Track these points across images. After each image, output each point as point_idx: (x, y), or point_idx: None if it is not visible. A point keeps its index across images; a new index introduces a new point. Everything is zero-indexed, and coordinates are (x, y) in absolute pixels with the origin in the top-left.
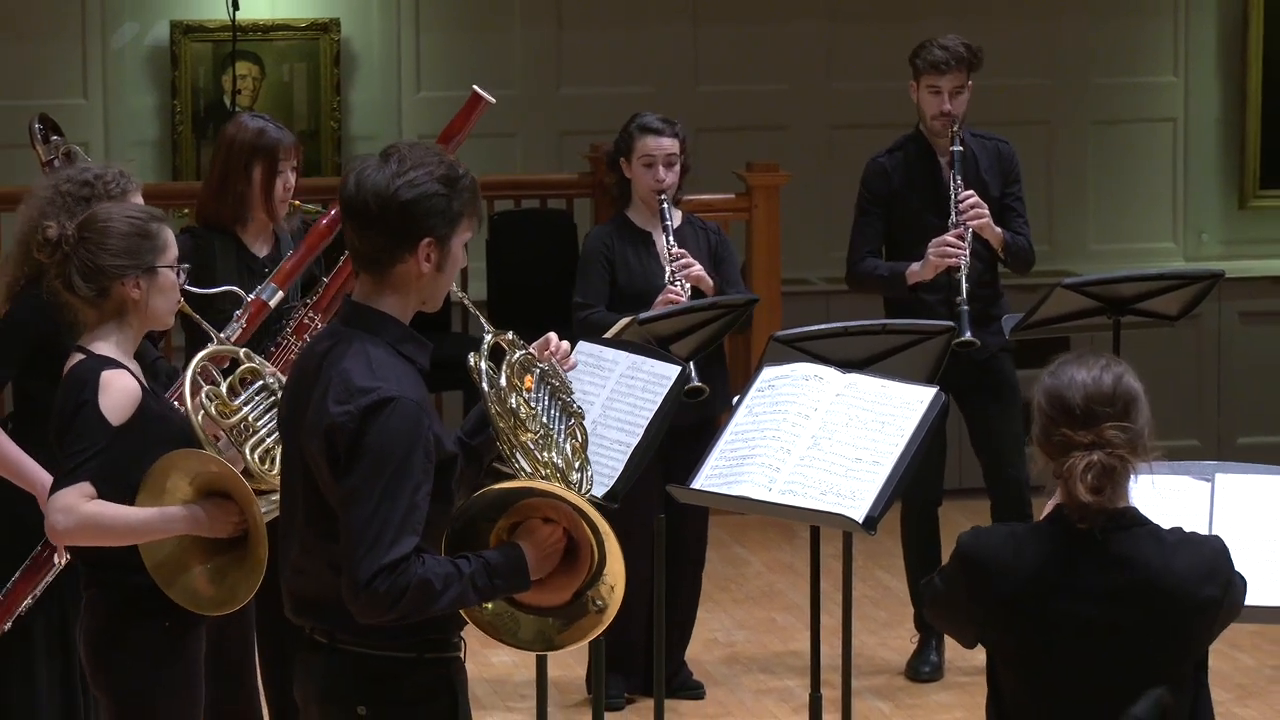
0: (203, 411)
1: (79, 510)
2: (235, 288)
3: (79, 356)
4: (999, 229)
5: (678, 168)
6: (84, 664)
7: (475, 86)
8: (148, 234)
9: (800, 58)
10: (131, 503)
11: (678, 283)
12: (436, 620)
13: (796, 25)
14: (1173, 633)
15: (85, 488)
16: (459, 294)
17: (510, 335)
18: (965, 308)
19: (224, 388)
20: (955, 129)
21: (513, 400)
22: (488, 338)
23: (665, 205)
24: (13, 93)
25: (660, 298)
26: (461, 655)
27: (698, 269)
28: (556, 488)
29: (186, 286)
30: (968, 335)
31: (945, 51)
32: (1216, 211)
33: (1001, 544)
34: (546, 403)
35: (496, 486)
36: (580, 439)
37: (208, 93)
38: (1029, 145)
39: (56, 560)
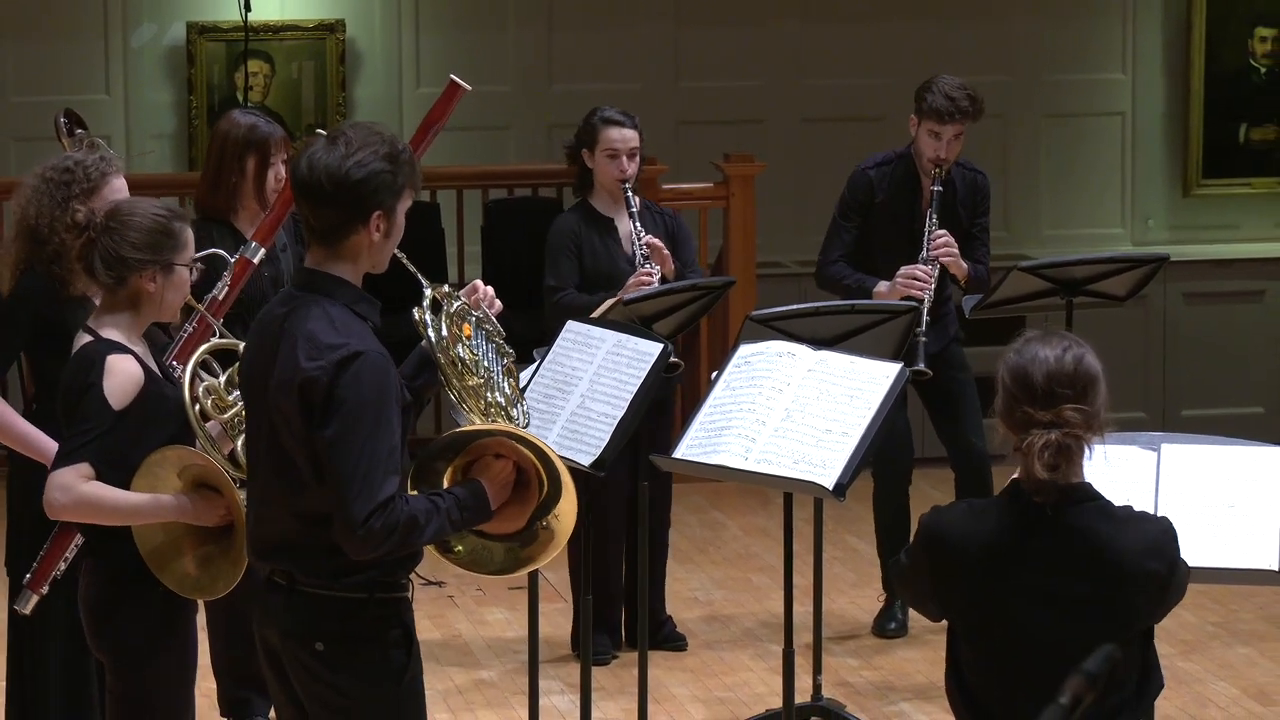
0: (199, 405)
1: (76, 490)
2: (220, 250)
3: (87, 338)
4: (964, 264)
5: (638, 158)
6: (84, 627)
7: (452, 75)
8: (170, 232)
9: (774, 56)
10: (128, 482)
11: (647, 264)
12: (384, 564)
13: (771, 26)
14: (1119, 603)
15: (84, 468)
16: (399, 254)
17: (445, 288)
18: (923, 339)
19: (221, 381)
20: (939, 171)
21: (458, 349)
22: (427, 291)
23: (629, 194)
24: (39, 89)
25: (633, 279)
26: (409, 595)
27: (666, 252)
28: (505, 426)
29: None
30: (921, 366)
31: (951, 103)
32: (1162, 199)
33: (960, 518)
34: (484, 346)
35: (452, 433)
36: (515, 377)
37: (221, 89)
38: (986, 138)
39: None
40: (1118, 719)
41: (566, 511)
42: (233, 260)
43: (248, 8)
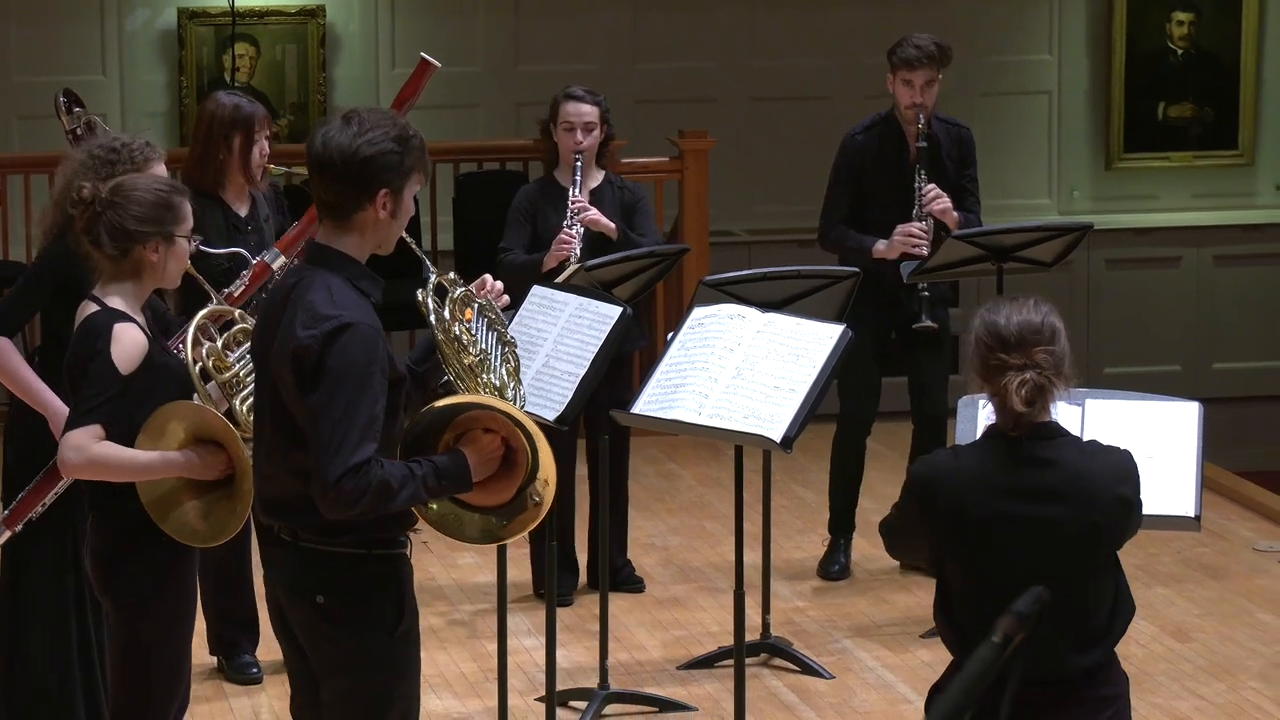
0: (200, 365)
1: (89, 450)
2: (243, 250)
3: (93, 307)
4: (956, 214)
5: (596, 133)
6: (90, 577)
7: (423, 54)
8: (170, 205)
9: (726, 39)
10: (132, 441)
11: (573, 226)
12: (383, 522)
13: (723, 11)
14: (1094, 527)
15: (96, 430)
16: (409, 240)
17: (452, 275)
18: (925, 294)
19: (220, 344)
20: (922, 126)
21: (456, 329)
22: (432, 277)
23: (578, 163)
24: (39, 70)
25: (556, 238)
26: (408, 553)
27: (594, 213)
28: (493, 401)
29: (201, 247)
30: (926, 321)
31: (919, 50)
32: (1086, 172)
33: (944, 461)
34: (484, 332)
35: (442, 402)
36: (513, 363)
37: (210, 70)
38: None
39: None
40: (1094, 648)
41: (549, 484)
42: (253, 261)
43: None
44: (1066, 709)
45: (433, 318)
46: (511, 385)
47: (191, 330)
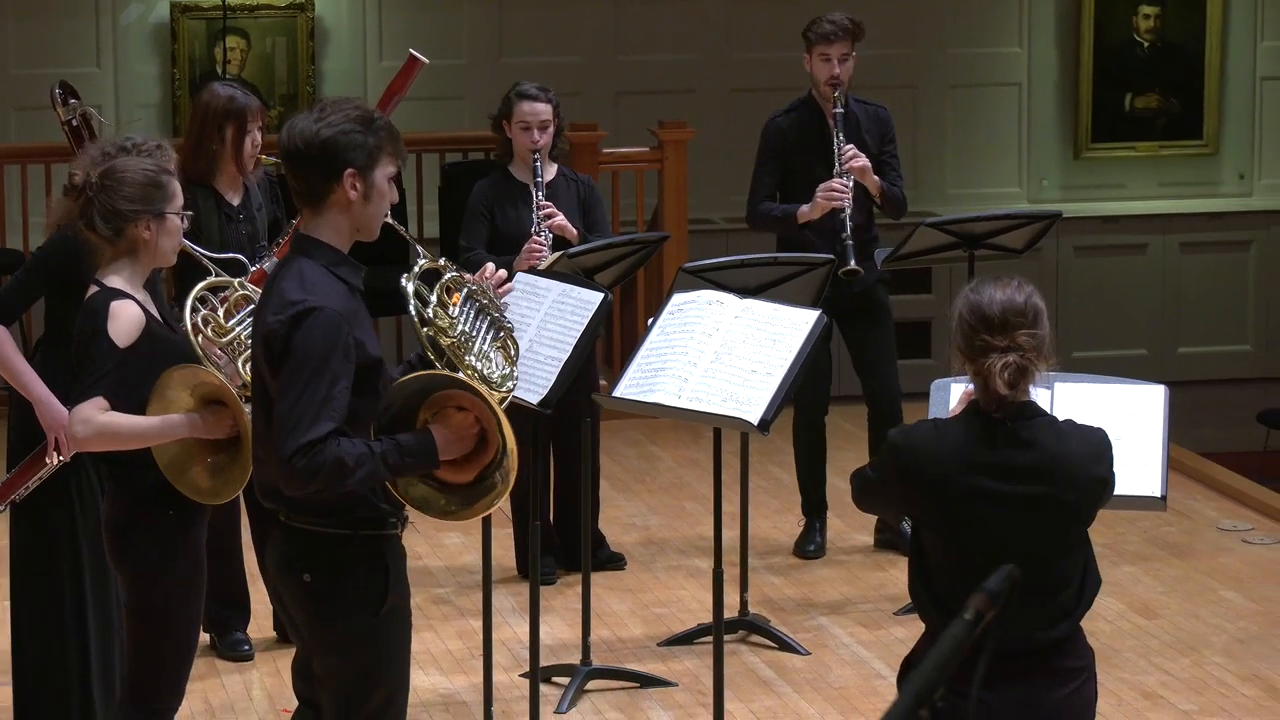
0: (201, 333)
1: (95, 420)
2: (241, 256)
3: (94, 289)
4: (876, 178)
5: (551, 129)
6: (105, 546)
7: (411, 50)
8: (159, 184)
9: (705, 31)
10: (142, 412)
11: (542, 233)
12: (368, 503)
13: (703, 4)
14: (1069, 504)
15: (100, 401)
16: (398, 227)
17: (443, 260)
18: (850, 242)
19: (220, 312)
20: (838, 94)
21: (429, 312)
22: (423, 261)
23: (537, 163)
24: (36, 62)
25: (526, 246)
26: (397, 534)
27: (560, 219)
28: (459, 377)
29: (200, 252)
30: (852, 264)
31: (833, 25)
32: (1055, 161)
33: (927, 434)
34: (473, 317)
35: (411, 377)
36: (512, 350)
37: (202, 62)
38: (897, 106)
39: (48, 460)
40: (1063, 621)
41: (510, 470)
42: (252, 269)
43: None
44: (1035, 680)
45: (411, 300)
46: (499, 368)
47: (190, 301)
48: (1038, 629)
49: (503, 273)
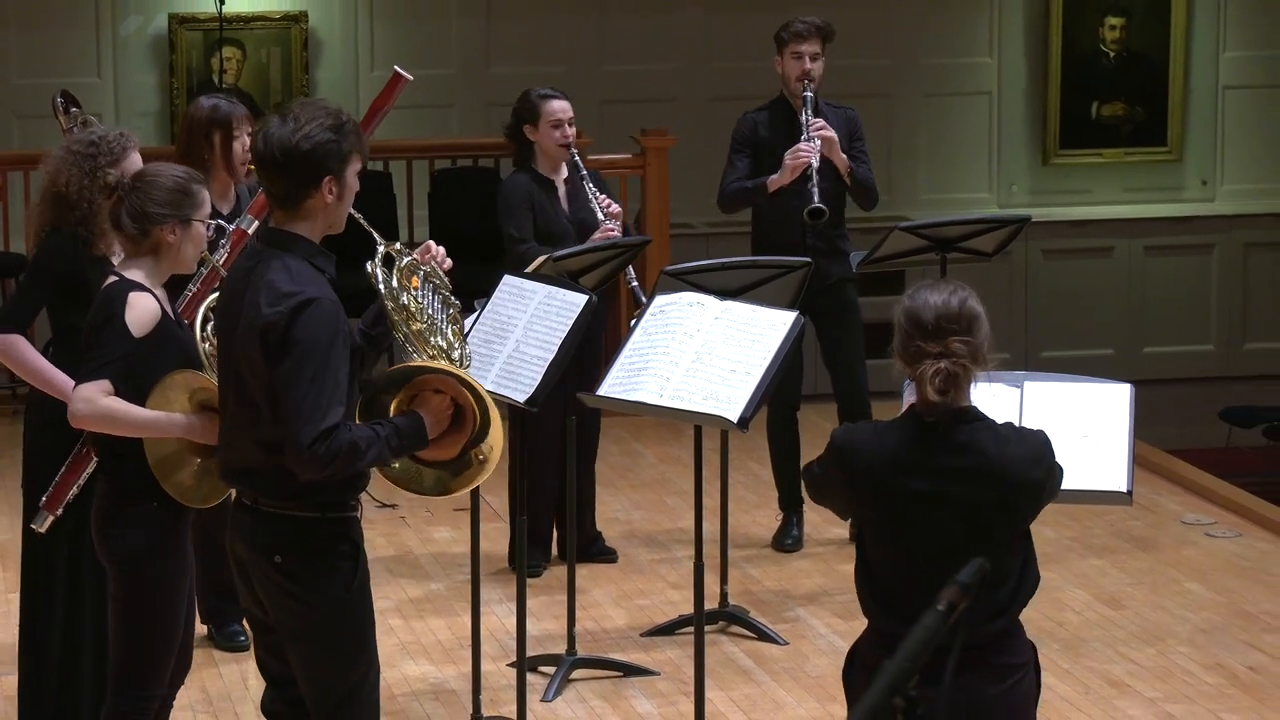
0: (209, 341)
1: (98, 402)
2: (223, 221)
3: (113, 278)
4: (843, 156)
5: (574, 126)
6: (93, 535)
7: (396, 67)
8: (189, 192)
9: (686, 42)
10: (141, 403)
11: (610, 221)
12: (334, 487)
13: (683, 14)
14: (1004, 506)
15: (105, 384)
16: (357, 216)
17: (398, 245)
18: (816, 188)
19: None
20: (808, 82)
21: (403, 298)
22: (381, 248)
23: (576, 156)
24: (38, 72)
25: (598, 234)
26: (358, 515)
27: (617, 208)
28: (443, 365)
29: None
30: (816, 202)
31: (805, 24)
32: (1024, 167)
33: (868, 436)
34: (430, 297)
35: (395, 367)
36: (459, 325)
37: (199, 72)
38: (871, 114)
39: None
40: (1000, 617)
41: (495, 445)
42: (230, 229)
43: (222, 1)
44: (975, 673)
45: (382, 287)
46: (458, 345)
47: (202, 310)
48: (974, 624)
49: (442, 249)
